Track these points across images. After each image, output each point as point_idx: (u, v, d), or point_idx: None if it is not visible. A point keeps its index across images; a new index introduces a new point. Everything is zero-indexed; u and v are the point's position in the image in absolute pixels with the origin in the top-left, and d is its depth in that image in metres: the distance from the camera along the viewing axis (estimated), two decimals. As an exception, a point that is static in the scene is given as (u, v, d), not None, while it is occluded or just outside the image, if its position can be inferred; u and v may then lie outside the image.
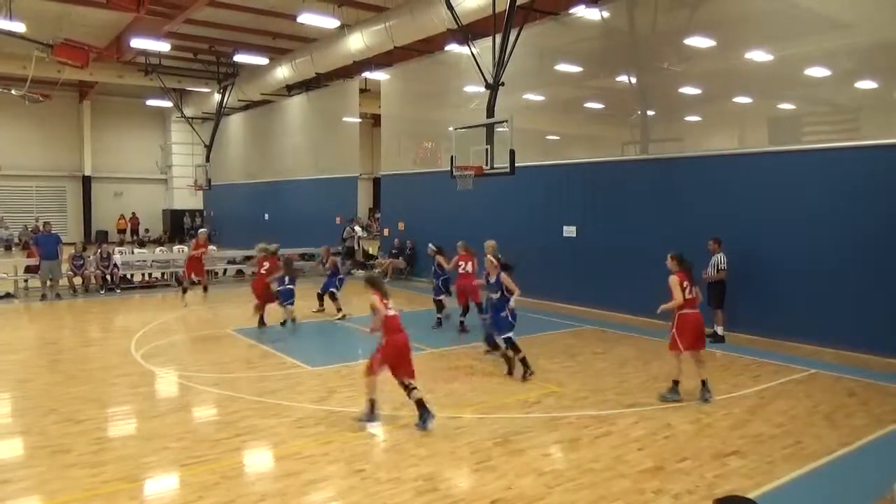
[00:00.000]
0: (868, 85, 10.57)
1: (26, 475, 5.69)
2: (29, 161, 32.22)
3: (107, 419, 7.38)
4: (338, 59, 20.30)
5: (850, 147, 10.23)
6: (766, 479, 5.66)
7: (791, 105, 11.87)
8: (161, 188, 36.97)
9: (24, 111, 27.81)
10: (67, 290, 16.85)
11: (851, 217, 9.91)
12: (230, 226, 30.92)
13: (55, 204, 33.61)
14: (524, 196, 15.25)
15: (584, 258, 14.08)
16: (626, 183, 13.39)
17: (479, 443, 6.49)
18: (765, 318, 10.86)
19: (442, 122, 18.28)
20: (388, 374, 6.87)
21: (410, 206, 19.94)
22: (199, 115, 30.82)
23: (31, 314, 14.64)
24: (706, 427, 6.98)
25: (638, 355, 10.28)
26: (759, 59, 11.48)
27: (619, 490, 5.45)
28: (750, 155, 11.50)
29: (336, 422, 7.10)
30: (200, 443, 6.47)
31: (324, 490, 5.49)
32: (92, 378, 8.93)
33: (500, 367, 9.45)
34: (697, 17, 12.23)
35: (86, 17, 19.87)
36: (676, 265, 7.80)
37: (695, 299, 7.75)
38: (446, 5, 13.86)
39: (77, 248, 17.82)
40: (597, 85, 15.18)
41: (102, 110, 34.16)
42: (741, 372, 9.26)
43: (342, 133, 23.61)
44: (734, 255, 10.92)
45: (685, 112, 13.42)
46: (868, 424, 7.09)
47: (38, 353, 10.75)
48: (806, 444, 6.52)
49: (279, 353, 10.10)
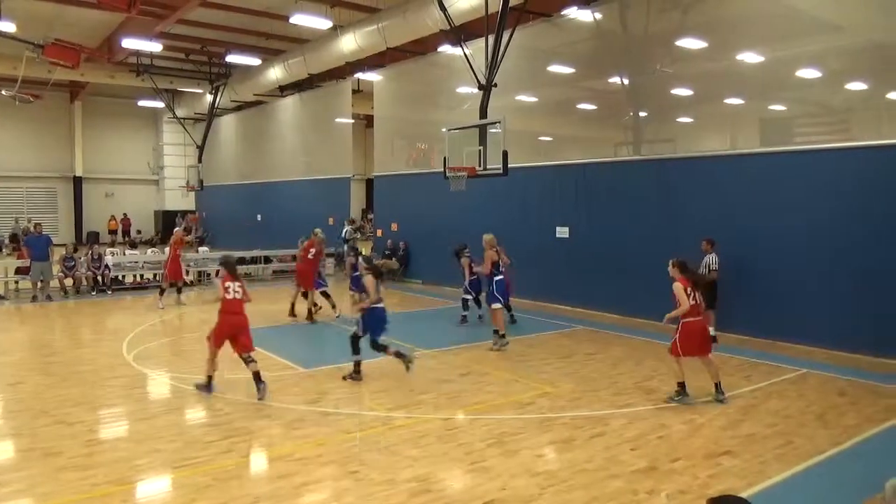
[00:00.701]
0: (858, 86, 10.65)
1: (17, 478, 5.65)
2: (19, 162, 32.00)
3: (98, 421, 7.34)
4: (330, 60, 20.28)
5: (840, 148, 10.30)
6: (758, 479, 5.69)
7: (782, 106, 11.95)
8: (153, 189, 36.81)
9: (15, 112, 27.62)
10: (58, 291, 16.76)
11: (841, 218, 9.98)
12: (223, 227, 30.83)
13: (46, 205, 33.38)
14: (517, 197, 15.27)
15: (576, 259, 14.11)
16: (618, 184, 13.43)
17: (472, 444, 6.50)
18: (757, 319, 10.92)
19: (435, 123, 18.29)
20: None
21: (404, 208, 19.93)
22: (192, 116, 30.72)
23: (22, 316, 14.54)
24: (699, 427, 7.01)
25: (631, 355, 10.31)
26: (750, 61, 11.54)
27: (613, 490, 5.46)
28: (741, 156, 11.57)
29: (329, 423, 7.09)
30: (193, 445, 6.45)
31: (317, 492, 5.48)
32: (83, 380, 8.88)
33: (496, 367, 9.47)
34: (689, 19, 12.29)
35: (77, 17, 19.78)
36: (679, 272, 7.73)
37: (698, 306, 7.70)
38: (439, 6, 13.86)
39: (68, 249, 17.71)
40: (589, 86, 15.22)
41: (94, 111, 33.98)
42: (733, 372, 9.29)
43: (335, 134, 23.58)
44: (726, 255, 10.96)
45: (677, 113, 13.49)
46: (859, 424, 7.14)
47: (30, 355, 10.67)
48: (798, 443, 6.55)
49: (272, 354, 10.07)
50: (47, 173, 33.14)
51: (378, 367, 9.46)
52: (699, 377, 8.01)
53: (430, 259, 18.48)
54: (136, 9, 14.97)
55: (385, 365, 9.67)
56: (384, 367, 9.50)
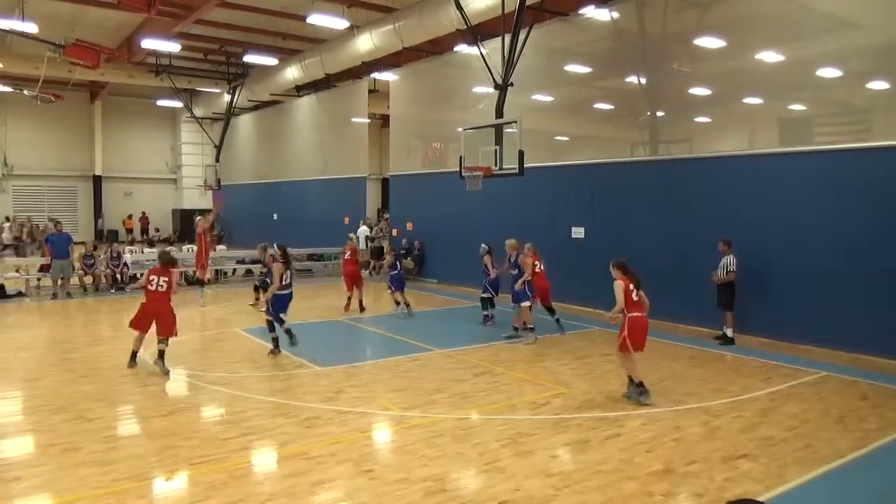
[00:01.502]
0: (880, 85, 10.47)
1: (35, 473, 5.72)
2: (40, 161, 32.46)
3: (116, 418, 7.42)
4: (347, 60, 20.34)
5: (861, 148, 10.14)
6: (776, 483, 5.61)
7: (801, 106, 11.78)
8: (171, 188, 37.15)
9: (36, 111, 28.01)
10: (78, 288, 16.96)
11: (863, 218, 9.81)
12: (239, 226, 31.03)
13: (66, 203, 33.80)
14: (532, 197, 15.22)
15: (591, 259, 13.99)
16: (634, 184, 13.33)
17: (487, 444, 6.48)
18: (776, 321, 10.78)
19: (451, 122, 18.29)
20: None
21: (419, 207, 19.94)
22: (209, 116, 30.96)
23: (43, 313, 14.73)
24: (715, 430, 6.94)
25: (646, 357, 10.17)
26: (769, 60, 11.41)
27: (628, 492, 5.42)
28: (760, 156, 11.42)
29: (344, 422, 7.10)
30: (209, 442, 6.49)
31: (332, 490, 5.49)
32: (101, 377, 8.97)
33: (510, 368, 9.45)
34: (707, 18, 12.18)
35: (97, 18, 20.00)
36: (620, 273, 7.93)
37: (640, 303, 7.83)
38: (456, 6, 13.86)
39: (87, 247, 17.92)
40: (606, 85, 15.14)
41: (113, 110, 34.36)
42: (752, 374, 9.20)
43: (351, 134, 23.65)
44: (745, 256, 10.85)
45: (695, 113, 13.36)
46: (881, 428, 7.02)
47: (49, 351, 10.81)
48: (817, 447, 6.46)
49: (288, 352, 10.11)
50: (68, 172, 33.57)
51: (395, 365, 9.48)
52: (718, 380, 7.93)
53: (445, 258, 18.50)
54: (155, 9, 15.12)
55: (401, 364, 9.70)
56: (400, 367, 9.52)
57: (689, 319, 11.95)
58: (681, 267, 12.07)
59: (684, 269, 11.95)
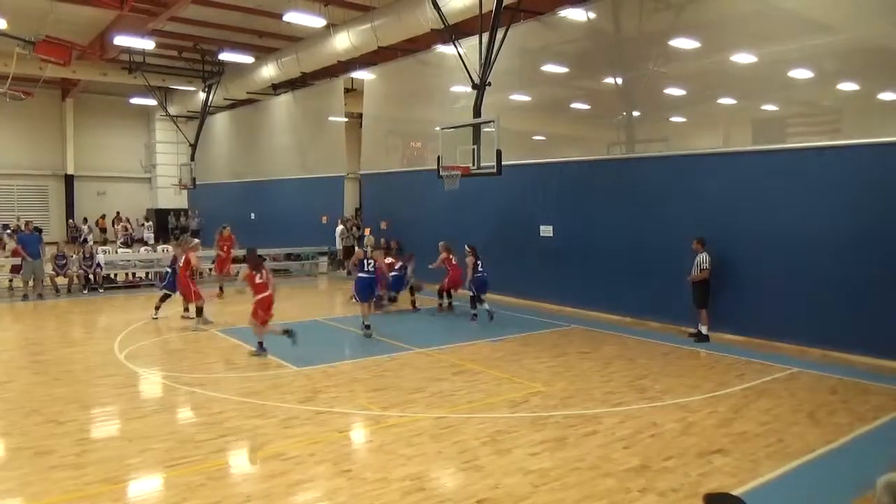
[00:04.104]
0: (849, 86, 10.70)
1: (8, 477, 5.62)
2: (10, 159, 31.75)
3: (90, 420, 7.31)
4: (324, 59, 20.25)
5: (832, 146, 10.35)
6: (749, 477, 5.71)
7: (774, 105, 11.99)
8: (145, 187, 36.59)
9: (6, 109, 27.45)
10: (50, 289, 16.67)
11: (833, 216, 10.01)
12: (215, 225, 30.62)
13: (37, 203, 33.16)
14: (507, 195, 15.27)
15: (568, 257, 14.13)
16: (610, 182, 13.44)
17: (465, 442, 6.50)
18: (749, 318, 10.96)
19: (428, 121, 18.26)
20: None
21: (393, 206, 19.88)
22: (184, 114, 30.55)
23: (14, 314, 14.46)
24: (691, 425, 7.04)
25: (623, 354, 10.33)
26: (742, 61, 11.58)
27: (605, 489, 5.48)
28: (733, 154, 11.60)
29: (323, 422, 7.08)
30: (185, 444, 6.42)
31: (310, 490, 5.47)
32: (75, 379, 8.84)
33: (489, 366, 9.49)
34: (682, 19, 12.33)
35: (68, 14, 19.60)
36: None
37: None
38: (433, 5, 13.86)
39: (59, 247, 17.61)
40: (583, 85, 15.24)
41: (85, 108, 33.73)
42: (726, 371, 9.33)
43: (328, 132, 23.54)
44: (718, 254, 11.00)
45: (670, 112, 13.51)
46: (850, 422, 7.17)
47: (21, 353, 10.61)
48: (789, 441, 6.58)
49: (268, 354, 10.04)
50: (39, 171, 32.90)
51: (374, 364, 9.46)
52: (693, 377, 8.04)
53: (420, 257, 18.48)
54: (128, 6, 14.92)
55: (380, 363, 9.69)
56: (379, 366, 9.51)
57: (663, 317, 12.10)
58: (655, 265, 12.20)
59: (659, 267, 12.08)
